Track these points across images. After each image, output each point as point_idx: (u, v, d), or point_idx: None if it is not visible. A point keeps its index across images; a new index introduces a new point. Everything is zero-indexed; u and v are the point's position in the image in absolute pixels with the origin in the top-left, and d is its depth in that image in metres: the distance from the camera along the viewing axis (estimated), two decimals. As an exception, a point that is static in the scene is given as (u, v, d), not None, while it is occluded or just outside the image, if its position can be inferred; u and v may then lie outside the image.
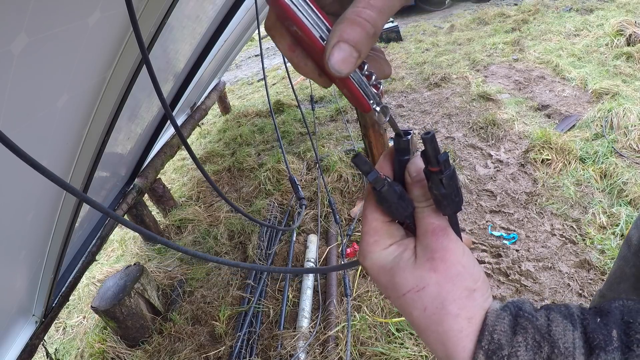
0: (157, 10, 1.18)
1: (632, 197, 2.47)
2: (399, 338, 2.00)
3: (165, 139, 3.37)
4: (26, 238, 1.27)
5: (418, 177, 0.35)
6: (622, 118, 3.11)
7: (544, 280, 2.17)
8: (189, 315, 2.48)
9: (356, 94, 0.31)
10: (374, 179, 0.34)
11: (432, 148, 0.32)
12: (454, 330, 0.32)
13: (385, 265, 0.36)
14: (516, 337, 0.30)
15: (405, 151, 0.36)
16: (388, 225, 0.37)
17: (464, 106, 4.14)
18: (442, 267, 0.33)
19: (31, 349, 1.58)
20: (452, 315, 0.32)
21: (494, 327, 0.31)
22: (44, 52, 0.78)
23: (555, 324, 0.31)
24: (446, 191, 0.33)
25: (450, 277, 0.33)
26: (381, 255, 0.36)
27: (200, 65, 2.43)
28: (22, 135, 0.90)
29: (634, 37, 4.42)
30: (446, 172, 0.32)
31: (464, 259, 0.34)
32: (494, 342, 0.30)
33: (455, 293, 0.33)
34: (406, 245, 0.36)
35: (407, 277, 0.34)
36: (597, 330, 0.30)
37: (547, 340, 0.30)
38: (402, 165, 0.37)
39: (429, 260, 0.34)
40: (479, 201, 2.84)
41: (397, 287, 0.35)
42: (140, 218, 3.09)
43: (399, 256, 0.36)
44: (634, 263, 0.94)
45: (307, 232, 2.93)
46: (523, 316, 0.32)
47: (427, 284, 0.33)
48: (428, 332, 0.34)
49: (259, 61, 9.42)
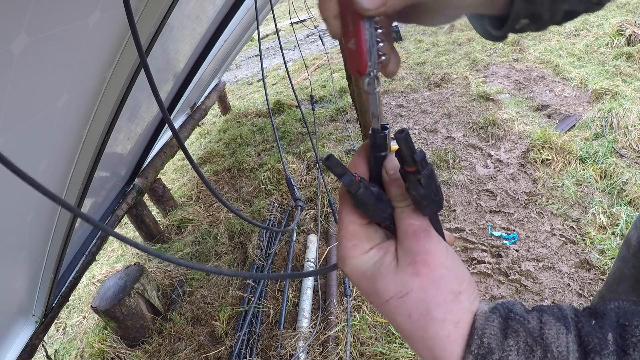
0: (157, 11, 1.18)
1: (632, 197, 2.47)
2: (398, 338, 2.00)
3: (165, 139, 3.37)
4: (26, 238, 1.27)
5: (396, 175, 0.33)
6: (622, 118, 3.11)
7: (544, 280, 2.17)
8: (189, 315, 2.48)
9: (361, 46, 0.30)
10: (348, 182, 0.32)
11: (407, 147, 0.30)
12: (440, 336, 0.31)
13: (366, 271, 0.34)
14: (507, 340, 0.29)
15: (381, 147, 0.34)
16: (366, 228, 0.35)
17: (464, 106, 4.14)
18: (424, 270, 0.32)
19: (31, 349, 1.59)
20: (437, 321, 0.31)
21: (483, 330, 0.30)
22: (44, 52, 0.78)
23: (548, 326, 0.30)
24: (425, 191, 0.31)
25: (434, 280, 0.32)
26: (361, 260, 0.35)
27: (200, 65, 2.44)
28: (22, 136, 0.90)
29: (634, 37, 4.42)
30: (423, 172, 0.31)
31: (447, 261, 0.33)
32: (484, 346, 0.29)
33: (440, 297, 0.31)
34: (386, 248, 0.35)
35: (389, 283, 0.33)
36: (592, 333, 0.29)
37: (540, 343, 0.29)
38: (378, 162, 0.35)
39: (410, 264, 0.32)
40: (479, 201, 2.84)
41: (380, 294, 0.33)
42: (140, 218, 3.09)
43: (380, 261, 0.34)
44: (632, 264, 0.94)
45: (307, 232, 2.93)
46: (514, 319, 0.31)
47: (411, 289, 0.32)
48: (414, 338, 0.32)
49: (259, 61, 9.41)
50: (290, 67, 7.34)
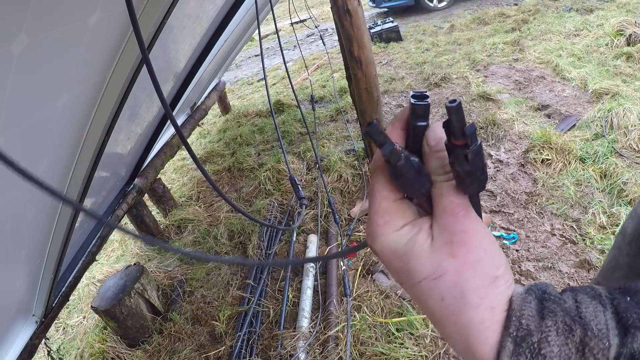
0: (157, 10, 1.19)
1: (632, 197, 2.47)
2: (399, 338, 2.00)
3: (166, 139, 3.37)
4: (26, 238, 1.27)
5: (437, 146, 0.31)
6: (622, 118, 3.11)
7: (543, 280, 2.17)
8: (189, 315, 2.48)
9: None
10: (390, 151, 0.30)
11: (458, 119, 0.28)
12: (474, 322, 0.29)
13: (397, 250, 0.32)
14: (545, 321, 0.28)
15: (422, 116, 0.32)
16: (399, 204, 0.33)
17: (464, 106, 4.14)
18: (462, 252, 0.30)
19: (31, 348, 1.59)
20: (472, 306, 0.29)
21: (521, 312, 0.29)
22: (44, 52, 0.78)
23: (585, 305, 0.29)
24: (470, 168, 0.29)
25: (471, 263, 0.30)
26: (393, 238, 0.32)
27: (200, 65, 2.44)
28: (22, 136, 0.90)
29: (634, 37, 4.41)
30: (472, 147, 0.28)
31: (485, 243, 0.31)
32: (523, 328, 0.28)
33: (476, 281, 0.30)
34: (420, 226, 0.32)
35: (423, 263, 0.31)
36: (630, 309, 0.28)
37: (578, 322, 0.28)
38: (417, 132, 0.32)
39: (447, 244, 0.30)
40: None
41: (412, 274, 0.32)
42: (140, 218, 3.09)
43: (413, 239, 0.32)
44: (627, 252, 0.95)
45: (307, 232, 2.93)
46: (549, 299, 0.30)
47: (445, 271, 0.30)
48: (446, 322, 0.31)
49: (259, 61, 9.43)
50: (290, 67, 7.34)
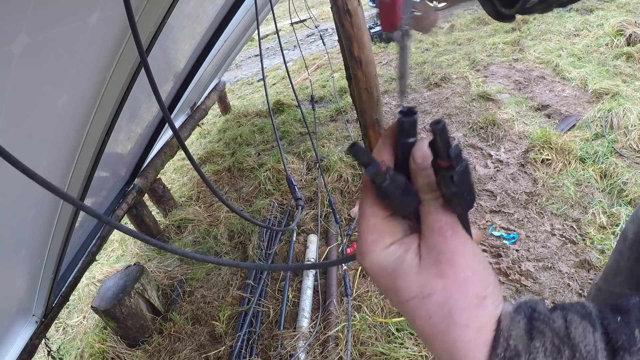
0: (157, 10, 1.19)
1: (632, 197, 2.47)
2: (399, 338, 2.00)
3: (165, 139, 3.37)
4: (26, 237, 1.27)
5: (423, 164, 0.31)
6: (622, 118, 3.11)
7: (544, 280, 2.17)
8: (189, 315, 2.48)
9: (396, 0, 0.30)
10: (374, 172, 0.30)
11: (443, 140, 0.27)
12: (462, 341, 0.29)
13: (386, 267, 0.33)
14: (533, 342, 0.28)
15: (409, 133, 0.31)
16: (388, 221, 0.33)
17: (464, 106, 4.14)
18: (449, 272, 0.30)
19: (31, 348, 1.59)
20: (460, 326, 0.30)
21: (509, 332, 0.29)
22: (44, 52, 0.78)
23: (574, 325, 0.28)
24: (457, 190, 0.29)
25: (459, 283, 0.30)
26: (381, 255, 0.33)
27: (200, 65, 2.44)
28: (22, 136, 0.90)
29: (634, 37, 4.41)
30: (458, 169, 0.28)
31: (473, 262, 0.31)
32: (510, 349, 0.28)
33: (464, 301, 0.30)
34: (409, 244, 0.33)
35: (411, 282, 0.31)
36: (619, 330, 0.28)
37: (567, 344, 0.28)
38: (405, 148, 0.32)
39: (434, 263, 0.31)
40: (479, 201, 2.84)
41: (399, 293, 0.32)
42: (140, 218, 3.09)
43: (401, 257, 0.32)
44: (628, 256, 0.94)
45: (307, 232, 2.93)
46: (539, 319, 0.30)
47: (433, 291, 0.30)
48: (434, 341, 0.31)
49: (259, 61, 9.40)
50: (290, 67, 7.34)
